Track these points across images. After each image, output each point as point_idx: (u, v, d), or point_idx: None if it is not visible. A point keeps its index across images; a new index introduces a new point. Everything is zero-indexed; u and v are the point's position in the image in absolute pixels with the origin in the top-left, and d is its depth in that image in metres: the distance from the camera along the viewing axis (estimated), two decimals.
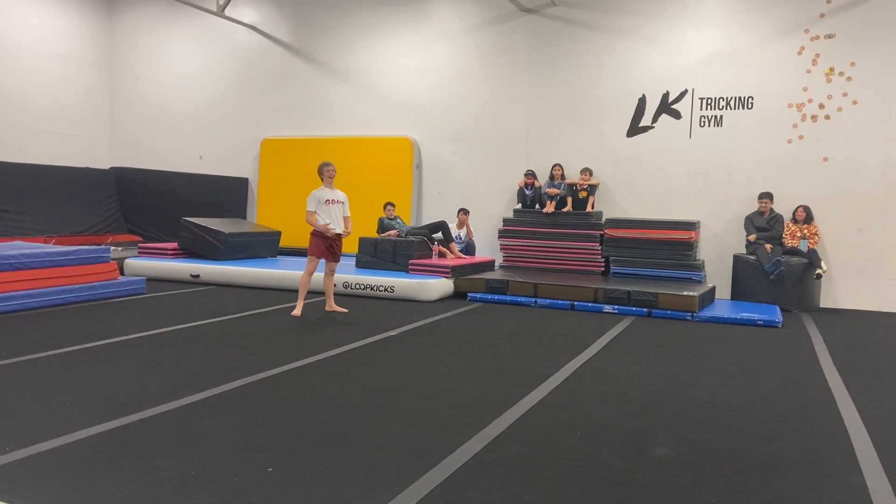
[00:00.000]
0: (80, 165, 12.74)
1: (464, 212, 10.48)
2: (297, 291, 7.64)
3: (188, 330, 6.39)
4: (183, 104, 13.21)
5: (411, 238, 9.60)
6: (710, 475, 3.28)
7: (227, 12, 12.18)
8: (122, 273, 9.34)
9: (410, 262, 9.21)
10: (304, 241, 11.93)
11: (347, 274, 9.05)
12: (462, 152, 11.25)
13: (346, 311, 7.52)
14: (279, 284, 9.20)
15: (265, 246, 10.94)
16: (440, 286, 8.75)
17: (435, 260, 9.43)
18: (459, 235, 10.40)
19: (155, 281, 9.40)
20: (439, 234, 9.97)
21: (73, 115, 13.04)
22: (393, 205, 10.25)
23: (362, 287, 8.77)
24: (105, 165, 13.39)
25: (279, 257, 11.04)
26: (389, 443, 3.60)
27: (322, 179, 7.54)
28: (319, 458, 3.37)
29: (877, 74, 8.90)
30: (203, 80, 13.05)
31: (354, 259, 9.84)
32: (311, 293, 8.65)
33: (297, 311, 7.32)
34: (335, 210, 7.46)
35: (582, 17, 10.38)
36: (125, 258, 10.00)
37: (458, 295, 8.94)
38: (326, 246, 7.44)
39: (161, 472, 3.13)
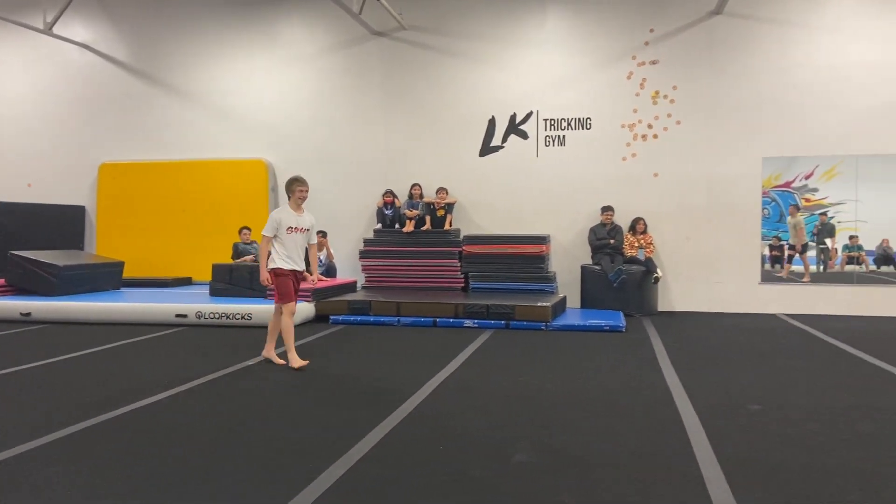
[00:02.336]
0: None
1: (322, 234, 10.37)
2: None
3: (17, 374, 5.81)
4: (7, 128, 12.10)
5: None
6: (566, 476, 3.45)
7: (56, 30, 11.34)
8: None
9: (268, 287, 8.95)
10: (151, 271, 11.32)
11: (200, 303, 8.64)
12: (319, 174, 11.13)
13: (283, 363, 6.07)
14: (123, 318, 8.59)
15: (106, 278, 10.21)
16: (301, 310, 8.56)
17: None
18: (320, 258, 10.27)
19: None
20: None
21: None
22: (249, 229, 9.96)
23: (217, 316, 8.40)
24: None
25: (123, 290, 10.34)
26: (247, 475, 3.47)
27: (289, 198, 6.07)
28: (172, 498, 3.18)
29: (696, 97, 9.87)
30: (31, 102, 12.04)
31: (208, 287, 9.43)
32: (165, 325, 8.20)
33: (295, 363, 5.96)
34: (297, 240, 6.02)
35: (431, 41, 10.68)
36: None
37: (321, 318, 8.81)
38: (294, 283, 6.06)
39: None
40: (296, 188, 6.00)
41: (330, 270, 10.42)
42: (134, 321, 8.48)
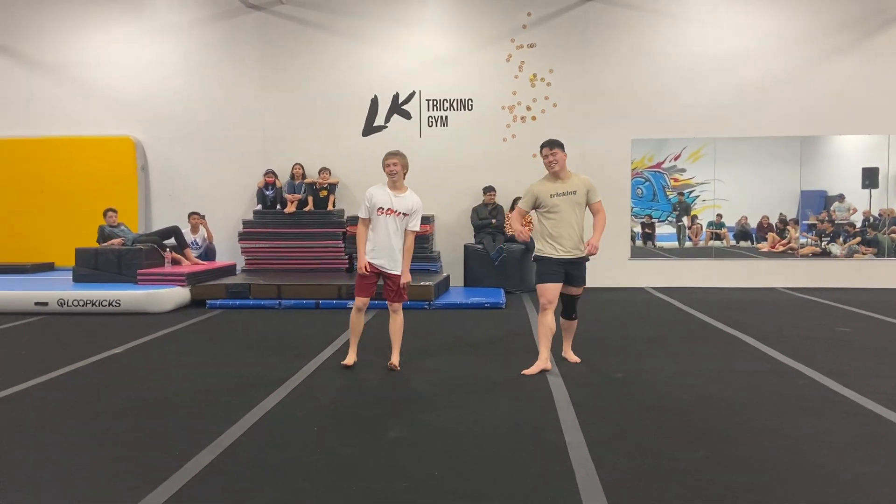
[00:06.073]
0: None
1: (197, 215, 9.96)
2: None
3: None
4: None
5: (139, 246, 8.89)
6: (435, 449, 3.53)
7: None
8: None
9: (139, 271, 8.52)
10: (7, 256, 10.44)
11: (63, 290, 8.09)
12: (194, 153, 10.67)
13: (398, 368, 5.23)
14: None
15: None
16: (174, 296, 8.21)
17: (167, 268, 8.83)
18: (195, 241, 9.87)
19: None
20: (172, 241, 9.35)
21: None
22: (115, 211, 9.39)
23: (81, 303, 7.90)
24: None
25: None
26: (106, 469, 3.30)
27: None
28: (26, 497, 2.98)
29: (570, 80, 10.22)
30: None
31: (71, 273, 8.86)
32: (22, 314, 7.61)
33: (347, 360, 5.30)
34: (390, 225, 5.16)
35: (311, 17, 10.42)
36: None
37: (197, 303, 8.48)
38: (374, 281, 5.21)
39: None
40: (386, 162, 5.13)
41: (209, 253, 10.05)
42: None
